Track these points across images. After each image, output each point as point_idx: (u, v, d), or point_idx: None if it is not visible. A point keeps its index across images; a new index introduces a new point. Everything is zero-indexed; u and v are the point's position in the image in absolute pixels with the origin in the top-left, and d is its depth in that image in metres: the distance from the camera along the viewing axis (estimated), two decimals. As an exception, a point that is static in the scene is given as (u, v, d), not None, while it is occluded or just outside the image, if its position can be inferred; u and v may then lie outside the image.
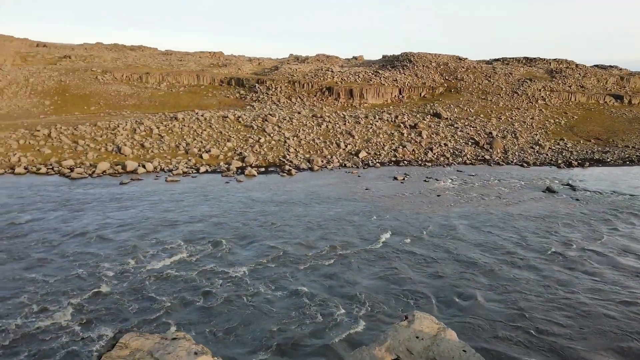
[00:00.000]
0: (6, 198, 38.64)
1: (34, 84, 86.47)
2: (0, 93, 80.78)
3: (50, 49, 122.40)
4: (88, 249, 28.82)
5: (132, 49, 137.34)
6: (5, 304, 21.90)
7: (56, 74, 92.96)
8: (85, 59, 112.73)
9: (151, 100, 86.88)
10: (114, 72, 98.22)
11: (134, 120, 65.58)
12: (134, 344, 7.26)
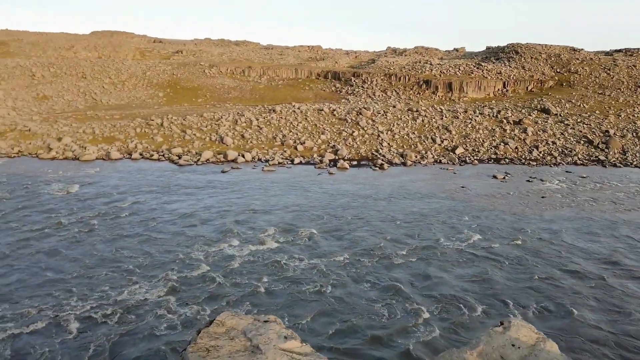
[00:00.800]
0: (123, 180, 42.82)
1: (150, 77, 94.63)
2: (122, 85, 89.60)
3: (165, 45, 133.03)
4: (188, 231, 30.97)
5: (237, 44, 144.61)
6: (107, 279, 24.30)
7: (169, 68, 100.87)
8: (194, 54, 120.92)
9: (252, 93, 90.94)
10: (220, 66, 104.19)
11: (235, 112, 69.11)
12: (229, 323, 7.61)
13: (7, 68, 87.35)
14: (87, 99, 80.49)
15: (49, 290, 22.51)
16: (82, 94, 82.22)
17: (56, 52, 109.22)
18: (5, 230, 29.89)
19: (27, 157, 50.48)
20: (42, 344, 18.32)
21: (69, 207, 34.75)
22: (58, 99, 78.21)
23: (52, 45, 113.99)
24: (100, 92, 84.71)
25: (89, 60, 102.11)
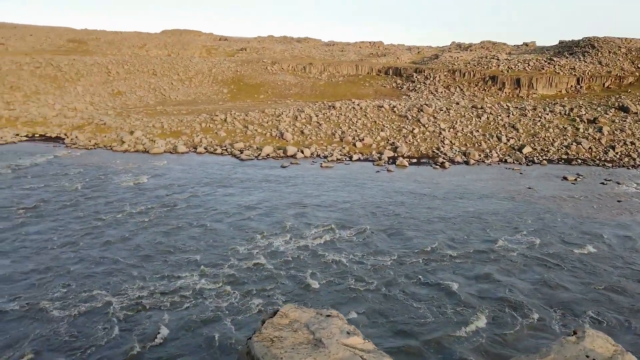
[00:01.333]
0: (188, 173, 44.56)
1: (215, 74, 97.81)
2: (189, 82, 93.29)
3: (230, 42, 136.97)
4: (246, 224, 31.68)
5: (299, 41, 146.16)
6: (167, 267, 25.29)
7: (233, 65, 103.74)
8: (258, 51, 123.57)
9: (312, 90, 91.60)
10: (282, 63, 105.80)
11: (295, 108, 69.88)
12: (292, 315, 7.68)
13: (86, 65, 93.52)
14: (157, 95, 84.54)
15: (112, 274, 23.86)
16: (152, 90, 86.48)
17: (130, 51, 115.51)
18: (76, 217, 32.00)
19: (102, 149, 53.79)
20: (97, 323, 19.44)
21: (136, 198, 36.65)
22: (131, 95, 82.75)
23: (126, 43, 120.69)
24: (169, 88, 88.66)
25: (159, 58, 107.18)
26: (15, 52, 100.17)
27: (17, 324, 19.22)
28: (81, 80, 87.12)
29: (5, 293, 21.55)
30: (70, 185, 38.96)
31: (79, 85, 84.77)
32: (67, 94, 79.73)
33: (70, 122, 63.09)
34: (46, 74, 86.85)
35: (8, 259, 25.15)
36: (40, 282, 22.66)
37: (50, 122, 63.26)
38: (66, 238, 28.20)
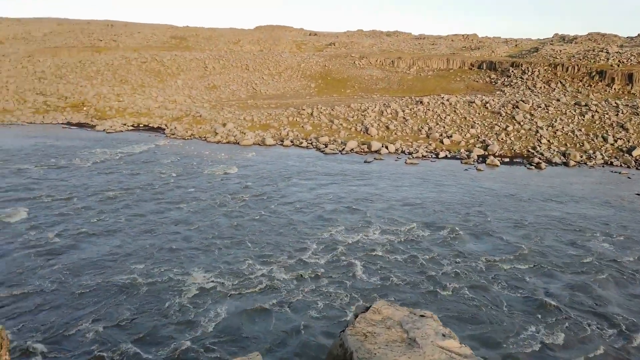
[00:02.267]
0: (274, 165, 45.94)
1: (304, 68, 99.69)
2: (279, 76, 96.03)
3: (319, 37, 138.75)
4: (328, 217, 31.93)
5: (388, 35, 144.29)
6: (248, 256, 26.15)
7: (322, 59, 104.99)
8: (346, 46, 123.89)
9: (400, 84, 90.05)
10: (370, 57, 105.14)
11: (382, 103, 69.16)
12: (385, 312, 7.71)
13: (185, 60, 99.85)
14: (248, 89, 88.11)
15: (195, 261, 25.24)
16: (244, 84, 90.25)
17: (225, 46, 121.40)
18: (170, 205, 34.29)
19: (198, 140, 57.20)
20: (160, 302, 20.63)
21: (225, 186, 38.50)
22: (225, 89, 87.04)
23: (222, 39, 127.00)
24: (260, 82, 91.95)
25: (251, 53, 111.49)
26: (125, 48, 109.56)
27: (115, 299, 21.07)
28: (181, 75, 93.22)
29: (109, 268, 23.72)
30: (167, 172, 41.93)
31: (179, 79, 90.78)
32: (169, 87, 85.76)
33: (170, 114, 67.80)
34: (151, 69, 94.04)
35: (112, 236, 27.66)
36: (126, 259, 24.64)
37: (153, 114, 68.46)
38: (159, 219, 30.39)
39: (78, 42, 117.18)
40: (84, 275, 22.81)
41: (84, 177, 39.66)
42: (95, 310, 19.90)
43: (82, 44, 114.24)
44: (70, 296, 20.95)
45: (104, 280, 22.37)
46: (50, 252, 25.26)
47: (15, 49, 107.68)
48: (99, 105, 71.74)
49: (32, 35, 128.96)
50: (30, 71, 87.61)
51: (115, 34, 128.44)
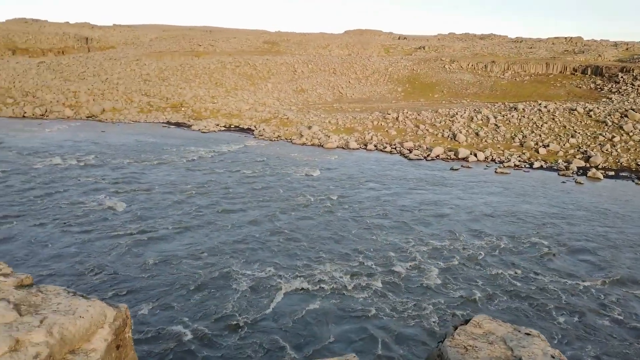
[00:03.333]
0: (357, 169, 45.73)
1: (391, 72, 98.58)
2: (365, 80, 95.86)
3: (408, 41, 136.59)
4: (413, 225, 31.03)
5: (481, 38, 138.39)
6: (329, 259, 25.98)
7: (410, 63, 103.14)
8: (436, 49, 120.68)
9: (492, 89, 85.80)
10: (461, 61, 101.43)
11: (472, 109, 66.28)
12: (487, 326, 7.34)
13: (276, 64, 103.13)
14: (334, 93, 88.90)
15: (279, 261, 25.63)
16: (331, 88, 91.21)
17: (314, 50, 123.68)
18: (255, 204, 35.32)
19: (284, 141, 58.68)
20: (263, 298, 20.97)
21: (307, 188, 38.96)
22: (312, 92, 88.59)
23: (312, 44, 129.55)
24: (346, 86, 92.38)
25: (339, 57, 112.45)
26: (221, 53, 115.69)
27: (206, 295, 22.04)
28: (271, 78, 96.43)
29: (201, 260, 24.94)
30: (254, 172, 43.41)
31: (269, 82, 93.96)
32: (259, 90, 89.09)
33: (260, 116, 70.33)
34: (243, 72, 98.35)
35: (201, 229, 29.10)
36: (214, 253, 25.65)
37: (244, 115, 71.44)
38: (244, 217, 31.44)
39: (180, 47, 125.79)
40: (175, 264, 24.17)
41: (179, 174, 42.27)
42: (188, 302, 20.96)
43: (183, 49, 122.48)
44: (158, 283, 22.28)
45: (194, 271, 23.53)
46: (144, 243, 27.11)
47: (125, 53, 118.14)
48: (196, 106, 76.31)
49: (140, 41, 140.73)
50: (137, 74, 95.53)
51: (213, 39, 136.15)
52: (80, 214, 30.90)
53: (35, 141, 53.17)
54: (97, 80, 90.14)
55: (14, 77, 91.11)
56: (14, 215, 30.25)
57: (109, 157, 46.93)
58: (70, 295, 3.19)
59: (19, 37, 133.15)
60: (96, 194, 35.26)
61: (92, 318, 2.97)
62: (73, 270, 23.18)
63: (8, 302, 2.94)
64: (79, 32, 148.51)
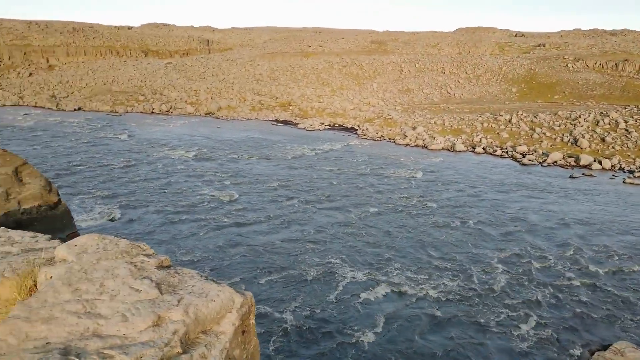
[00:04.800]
0: (462, 173, 43.81)
1: (505, 72, 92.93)
2: (476, 80, 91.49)
3: (526, 38, 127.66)
4: (522, 235, 28.96)
5: (613, 34, 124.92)
6: (433, 264, 25.06)
7: (527, 62, 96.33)
8: (558, 47, 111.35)
9: (623, 91, 77.02)
10: (587, 59, 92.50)
11: (598, 112, 60.13)
12: (630, 355, 6.63)
13: (382, 64, 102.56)
14: (442, 93, 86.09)
15: (377, 263, 25.39)
16: (438, 88, 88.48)
17: (423, 49, 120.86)
18: (355, 203, 35.40)
19: (387, 142, 58.19)
20: (347, 299, 20.86)
21: (408, 190, 38.18)
22: (418, 92, 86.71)
23: (420, 43, 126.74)
24: (455, 86, 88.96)
25: (449, 56, 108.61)
26: (329, 53, 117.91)
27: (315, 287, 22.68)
28: (377, 78, 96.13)
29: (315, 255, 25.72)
30: (355, 171, 43.63)
31: (375, 82, 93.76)
32: (364, 90, 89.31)
33: (364, 115, 70.52)
34: (350, 72, 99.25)
35: (301, 224, 29.96)
36: (314, 248, 26.16)
37: (348, 114, 72.13)
38: (342, 215, 31.71)
39: (290, 48, 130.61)
40: (280, 255, 25.18)
41: (284, 169, 43.93)
42: (293, 294, 21.77)
43: (293, 50, 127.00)
44: (263, 271, 23.35)
45: (297, 265, 24.34)
46: (250, 232, 28.61)
47: (241, 54, 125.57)
48: (303, 105, 78.73)
49: (254, 42, 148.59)
50: (251, 74, 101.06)
51: (322, 40, 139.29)
52: (194, 202, 33.50)
53: (160, 134, 58.70)
54: (216, 80, 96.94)
55: (145, 76, 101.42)
56: (141, 201, 33.69)
57: (222, 151, 50.22)
58: (203, 279, 3.38)
59: (150, 40, 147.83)
60: (209, 185, 37.95)
61: (222, 302, 3.12)
62: (194, 255, 25.19)
63: (151, 280, 3.21)
64: (201, 35, 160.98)
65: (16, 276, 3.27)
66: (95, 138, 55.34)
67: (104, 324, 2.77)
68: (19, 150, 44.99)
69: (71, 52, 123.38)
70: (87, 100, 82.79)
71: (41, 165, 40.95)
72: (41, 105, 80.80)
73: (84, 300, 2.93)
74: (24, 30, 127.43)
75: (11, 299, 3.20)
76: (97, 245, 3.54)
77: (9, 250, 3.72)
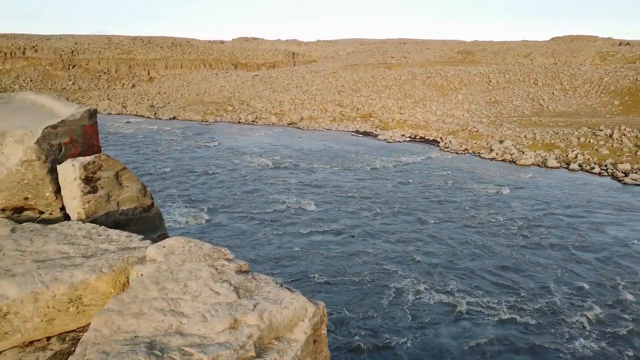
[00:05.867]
0: (555, 190, 40.95)
1: (607, 83, 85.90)
2: (572, 92, 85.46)
3: (632, 47, 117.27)
4: (614, 264, 26.40)
5: None
6: (531, 286, 23.48)
7: (633, 72, 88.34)
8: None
9: None
10: None
11: None
12: None
13: (469, 75, 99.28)
14: (533, 105, 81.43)
15: (461, 280, 24.35)
16: (530, 100, 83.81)
17: (513, 60, 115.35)
18: (434, 218, 34.32)
19: (471, 155, 56.06)
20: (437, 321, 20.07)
21: (494, 208, 36.35)
22: (507, 104, 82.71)
23: (510, 53, 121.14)
24: (549, 98, 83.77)
25: (543, 67, 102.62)
26: (413, 64, 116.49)
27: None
28: (462, 89, 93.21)
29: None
30: (436, 185, 42.46)
31: (460, 93, 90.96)
32: (448, 101, 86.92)
33: (447, 128, 68.60)
34: (434, 83, 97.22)
35: (382, 236, 29.67)
36: (397, 263, 25.69)
37: (430, 127, 70.57)
38: (422, 231, 30.90)
39: (374, 60, 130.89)
40: (358, 267, 25.14)
41: (363, 181, 43.87)
42: (364, 307, 21.67)
43: (376, 61, 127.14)
44: (342, 283, 23.41)
45: (373, 278, 24.16)
46: (329, 242, 28.84)
47: (324, 66, 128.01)
48: (384, 116, 78.33)
49: (338, 54, 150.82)
50: (333, 85, 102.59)
51: (406, 51, 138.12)
52: (273, 210, 34.48)
53: (245, 143, 61.34)
54: (299, 91, 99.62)
55: (234, 88, 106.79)
56: (224, 206, 35.35)
57: (302, 161, 51.30)
58: (278, 285, 3.45)
59: (240, 54, 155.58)
60: (289, 194, 38.89)
61: (295, 310, 3.17)
62: (270, 261, 25.96)
63: (230, 284, 3.35)
64: (287, 48, 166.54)
65: (112, 272, 3.57)
66: (186, 145, 59.12)
67: (185, 322, 2.94)
68: (119, 155, 49.31)
69: (169, 65, 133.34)
70: (181, 110, 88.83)
71: (137, 169, 44.50)
72: (141, 114, 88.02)
73: (169, 299, 3.13)
74: (130, 45, 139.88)
75: (107, 293, 3.50)
76: (183, 248, 3.77)
77: (107, 248, 4.07)
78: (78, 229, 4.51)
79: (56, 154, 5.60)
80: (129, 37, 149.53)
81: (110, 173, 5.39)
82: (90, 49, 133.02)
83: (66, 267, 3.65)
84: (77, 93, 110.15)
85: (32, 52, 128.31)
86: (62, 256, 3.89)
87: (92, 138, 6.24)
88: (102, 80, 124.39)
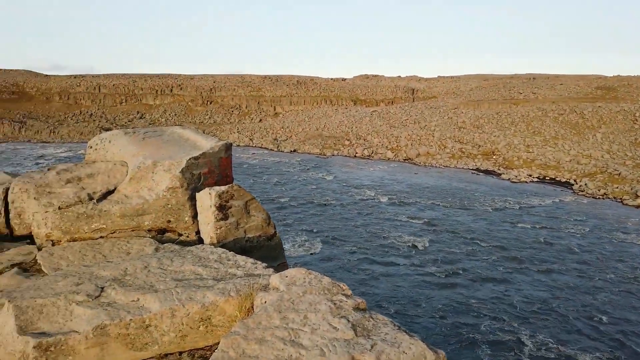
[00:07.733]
0: None
1: None
2: None
3: None
4: None
5: None
6: None
7: None
8: None
9: None
10: None
11: None
12: None
13: (610, 112, 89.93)
14: (691, 147, 70.73)
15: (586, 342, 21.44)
16: (686, 141, 73.02)
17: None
18: (566, 272, 30.87)
19: (611, 201, 50.10)
20: None
21: (643, 261, 31.78)
22: (656, 145, 72.97)
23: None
24: None
25: None
26: (543, 100, 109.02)
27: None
28: (602, 128, 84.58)
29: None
30: (568, 232, 38.48)
31: (599, 132, 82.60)
32: (585, 140, 79.30)
33: (582, 169, 62.42)
34: (567, 121, 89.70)
35: (502, 284, 27.52)
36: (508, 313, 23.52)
37: (562, 167, 64.81)
38: (547, 284, 27.99)
39: (499, 95, 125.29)
40: (469, 315, 23.60)
41: (482, 222, 41.45)
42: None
43: (502, 97, 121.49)
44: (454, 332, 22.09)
45: (486, 330, 22.47)
46: (442, 285, 27.54)
47: (445, 102, 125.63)
48: (508, 154, 73.91)
49: (460, 90, 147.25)
50: (453, 121, 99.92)
51: (535, 86, 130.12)
52: (387, 245, 34.00)
53: (361, 177, 61.99)
54: (417, 127, 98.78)
55: (352, 123, 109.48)
56: (336, 238, 35.78)
57: (418, 197, 50.21)
58: (396, 328, 3.37)
59: (360, 91, 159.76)
60: (402, 230, 38.15)
61: (413, 356, 3.05)
62: (384, 300, 25.52)
63: (348, 320, 3.34)
64: (407, 84, 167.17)
65: (239, 297, 3.79)
66: (304, 177, 61.56)
67: (304, 354, 2.98)
68: (244, 183, 52.99)
69: (294, 102, 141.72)
70: (301, 144, 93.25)
71: (259, 197, 47.30)
72: (265, 147, 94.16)
73: (290, 329, 3.21)
74: (260, 83, 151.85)
75: (233, 316, 3.71)
76: (304, 279, 3.87)
77: (235, 273, 4.34)
78: (211, 252, 4.88)
79: (196, 182, 6.20)
80: (260, 76, 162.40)
81: (240, 202, 5.81)
82: (225, 87, 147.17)
83: (199, 288, 3.96)
84: (212, 126, 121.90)
85: (178, 89, 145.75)
86: (196, 277, 4.24)
87: (226, 169, 6.81)
88: (234, 115, 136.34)
